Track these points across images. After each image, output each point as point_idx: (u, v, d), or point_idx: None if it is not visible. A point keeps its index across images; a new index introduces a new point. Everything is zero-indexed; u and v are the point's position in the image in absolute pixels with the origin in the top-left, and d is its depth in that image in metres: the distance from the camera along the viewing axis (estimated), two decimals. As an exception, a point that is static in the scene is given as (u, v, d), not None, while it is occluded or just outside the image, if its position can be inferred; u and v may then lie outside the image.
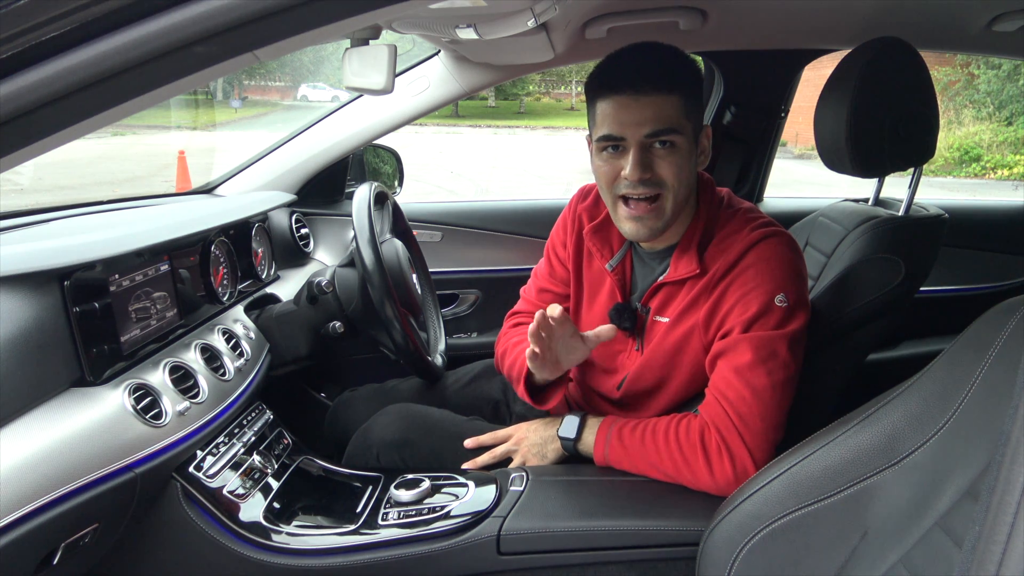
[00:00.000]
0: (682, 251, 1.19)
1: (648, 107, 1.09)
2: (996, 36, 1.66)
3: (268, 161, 2.00)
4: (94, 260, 1.04)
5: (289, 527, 1.11)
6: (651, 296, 1.24)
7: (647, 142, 1.10)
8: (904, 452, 0.79)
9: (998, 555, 0.49)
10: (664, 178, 1.11)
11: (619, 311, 1.25)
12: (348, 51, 0.83)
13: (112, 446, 0.95)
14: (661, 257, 1.25)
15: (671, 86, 1.10)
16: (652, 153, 1.11)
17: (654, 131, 1.09)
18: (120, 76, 0.61)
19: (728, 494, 1.00)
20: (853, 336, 1.28)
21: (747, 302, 1.11)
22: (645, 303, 1.25)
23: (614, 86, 1.11)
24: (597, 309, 1.31)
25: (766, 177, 2.23)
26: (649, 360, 1.23)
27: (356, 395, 1.60)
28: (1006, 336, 0.73)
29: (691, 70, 1.15)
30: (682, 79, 1.12)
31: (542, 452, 1.24)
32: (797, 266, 1.16)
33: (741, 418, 1.08)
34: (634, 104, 1.09)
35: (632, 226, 1.15)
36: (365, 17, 0.67)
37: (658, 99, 1.09)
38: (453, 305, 2.16)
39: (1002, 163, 12.22)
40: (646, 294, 1.24)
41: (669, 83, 1.09)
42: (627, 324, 1.25)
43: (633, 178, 1.10)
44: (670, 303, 1.21)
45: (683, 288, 1.20)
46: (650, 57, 1.13)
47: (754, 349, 1.09)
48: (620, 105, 1.10)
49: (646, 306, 1.25)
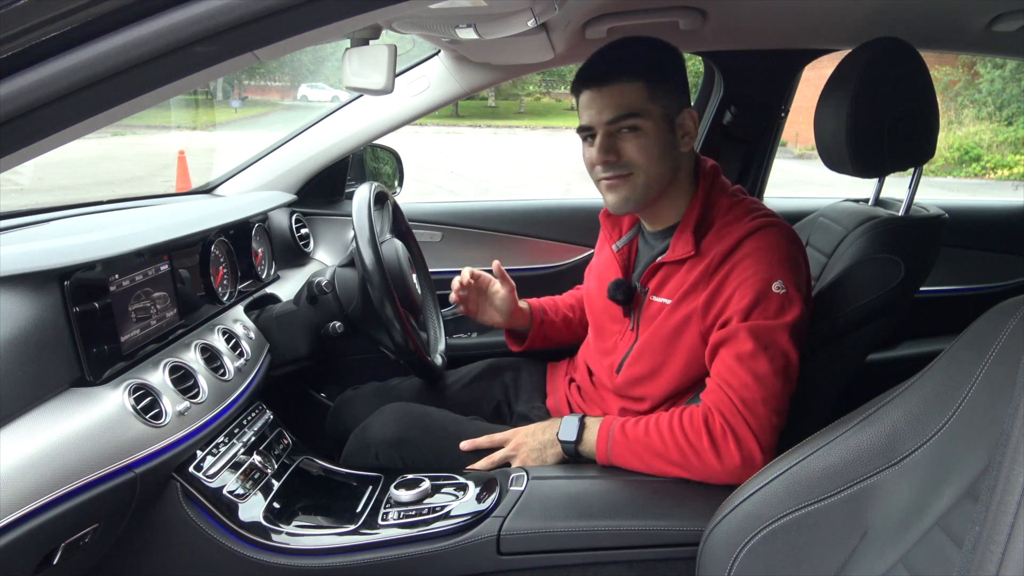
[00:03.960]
0: (681, 231, 1.23)
1: (609, 95, 1.18)
2: (996, 36, 1.66)
3: (268, 161, 2.00)
4: (94, 260, 1.04)
5: (289, 527, 1.11)
6: (650, 276, 1.27)
7: (611, 128, 1.19)
8: (904, 452, 0.79)
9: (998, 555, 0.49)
10: (631, 159, 1.19)
11: (616, 286, 1.31)
12: (348, 51, 0.83)
13: (112, 446, 0.95)
14: (662, 237, 1.29)
15: (633, 73, 1.17)
16: (619, 138, 1.19)
17: (615, 116, 1.18)
18: (120, 76, 0.61)
19: (736, 480, 1.01)
20: (853, 336, 1.28)
21: (744, 290, 1.13)
22: (644, 282, 1.28)
23: (583, 80, 1.21)
24: (602, 288, 1.34)
25: (766, 177, 2.23)
26: (647, 343, 1.25)
27: (358, 393, 1.60)
28: (1006, 336, 0.73)
29: (656, 56, 1.22)
30: (644, 65, 1.19)
31: (541, 457, 1.24)
32: (795, 255, 1.18)
33: (744, 403, 1.09)
34: (598, 95, 1.19)
35: (611, 197, 1.24)
36: (365, 17, 0.67)
37: (618, 87, 1.17)
38: (453, 305, 2.15)
39: (1002, 163, 12.21)
40: (645, 273, 1.28)
41: (631, 71, 1.17)
42: (620, 298, 1.30)
43: (598, 161, 1.21)
44: (667, 283, 1.24)
45: (681, 269, 1.22)
46: (615, 50, 1.23)
47: (755, 337, 1.10)
48: (588, 98, 1.21)
49: (644, 286, 1.28)
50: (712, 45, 1.97)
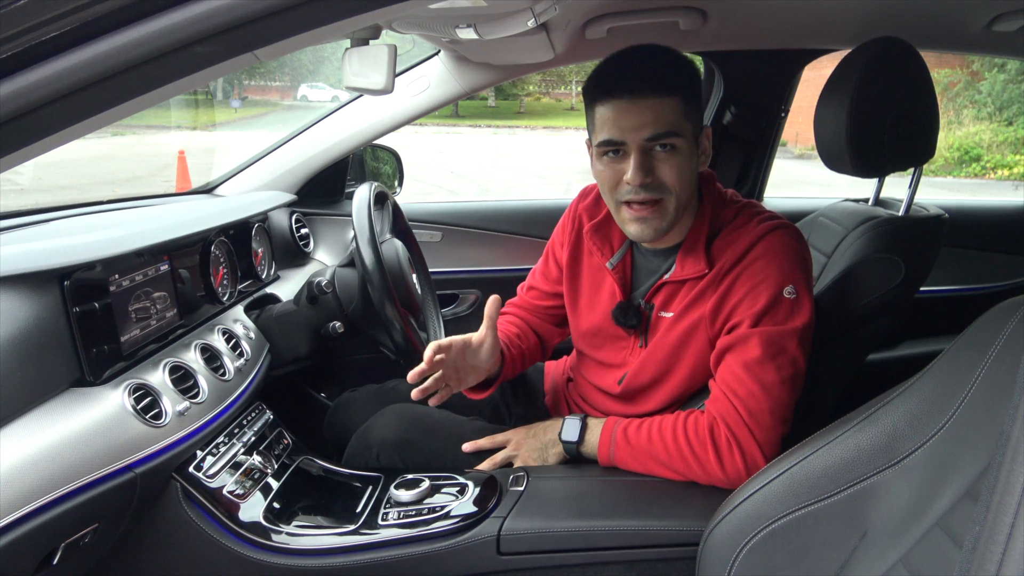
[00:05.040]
0: (688, 250, 1.19)
1: (647, 110, 1.08)
2: (996, 36, 1.66)
3: (268, 161, 2.00)
4: (94, 260, 1.04)
5: (289, 527, 1.11)
6: (655, 293, 1.24)
7: (647, 146, 1.10)
8: (904, 452, 0.79)
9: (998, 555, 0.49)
10: (666, 181, 1.11)
11: (623, 309, 1.25)
12: (348, 51, 0.83)
13: (112, 446, 0.95)
14: (665, 255, 1.24)
15: (670, 88, 1.09)
16: (653, 156, 1.11)
17: (654, 134, 1.09)
18: (120, 76, 0.61)
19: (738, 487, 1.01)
20: (853, 336, 1.28)
21: (756, 294, 1.11)
22: (648, 300, 1.25)
23: (612, 90, 1.10)
24: (599, 308, 1.31)
25: (766, 177, 2.23)
26: (652, 354, 1.23)
27: (356, 395, 1.60)
28: (1006, 336, 0.73)
29: (689, 71, 1.14)
30: (680, 81, 1.11)
31: (543, 457, 1.24)
32: (804, 257, 1.16)
33: (751, 413, 1.08)
34: (633, 108, 1.09)
35: (637, 227, 1.15)
36: (365, 17, 0.67)
37: (656, 102, 1.08)
38: (453, 305, 2.15)
39: (1002, 163, 12.20)
40: (649, 291, 1.24)
41: (667, 85, 1.09)
42: (633, 322, 1.24)
43: (635, 182, 1.10)
44: (673, 299, 1.22)
45: (686, 284, 1.20)
46: (647, 60, 1.13)
47: (764, 345, 1.09)
48: (619, 109, 1.10)
49: (649, 303, 1.25)
50: (712, 45, 1.97)
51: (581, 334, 1.36)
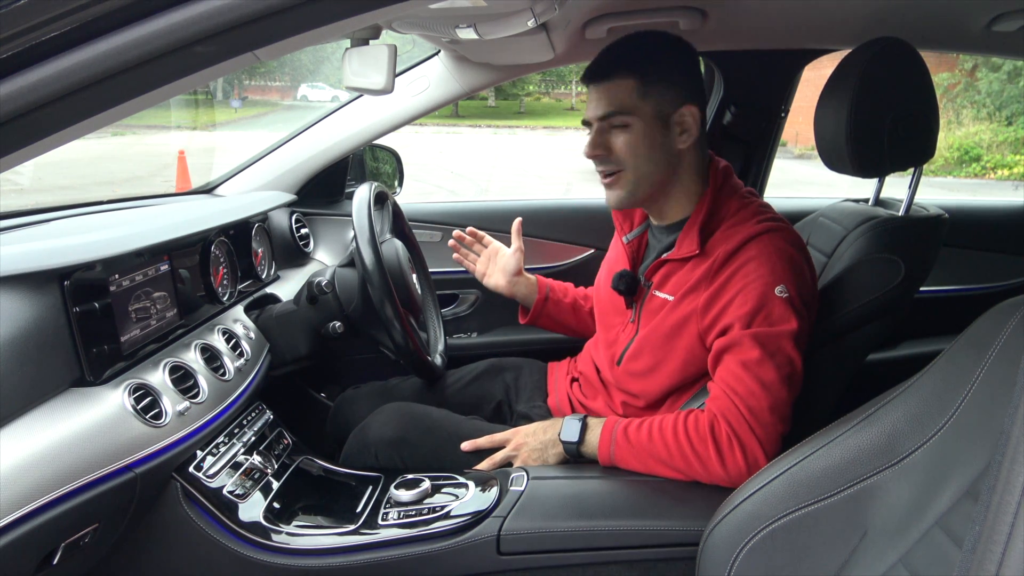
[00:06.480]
0: (687, 231, 1.24)
1: (603, 92, 1.21)
2: (996, 36, 1.66)
3: (268, 161, 2.00)
4: (94, 260, 1.04)
5: (289, 527, 1.11)
6: (654, 270, 1.27)
7: (603, 124, 1.22)
8: (904, 452, 0.79)
9: (998, 555, 0.49)
10: (619, 156, 1.22)
11: (620, 276, 1.33)
12: (348, 51, 0.83)
13: (112, 446, 0.95)
14: (670, 232, 1.30)
15: (627, 70, 1.19)
16: (610, 134, 1.22)
17: (605, 113, 1.21)
18: (120, 76, 0.61)
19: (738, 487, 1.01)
20: (853, 336, 1.28)
21: (746, 295, 1.13)
22: (648, 276, 1.29)
23: (585, 76, 1.25)
24: (609, 279, 1.35)
25: (766, 177, 2.23)
26: (647, 337, 1.26)
27: (359, 393, 1.60)
28: (1006, 336, 0.73)
29: (653, 52, 1.22)
30: (638, 61, 1.20)
31: (543, 457, 1.24)
32: (798, 261, 1.17)
33: (751, 411, 1.09)
34: (594, 92, 1.23)
35: (607, 195, 1.28)
36: (365, 17, 0.67)
37: (612, 84, 1.20)
38: (453, 305, 2.15)
39: (1002, 163, 12.21)
40: (650, 267, 1.28)
41: (624, 68, 1.19)
42: (622, 288, 1.31)
43: (585, 154, 1.25)
44: (670, 279, 1.24)
45: (685, 267, 1.22)
46: (613, 47, 1.24)
47: (760, 345, 1.10)
48: (589, 94, 1.24)
49: (648, 279, 1.29)
50: (712, 45, 1.97)
51: (595, 305, 1.45)
